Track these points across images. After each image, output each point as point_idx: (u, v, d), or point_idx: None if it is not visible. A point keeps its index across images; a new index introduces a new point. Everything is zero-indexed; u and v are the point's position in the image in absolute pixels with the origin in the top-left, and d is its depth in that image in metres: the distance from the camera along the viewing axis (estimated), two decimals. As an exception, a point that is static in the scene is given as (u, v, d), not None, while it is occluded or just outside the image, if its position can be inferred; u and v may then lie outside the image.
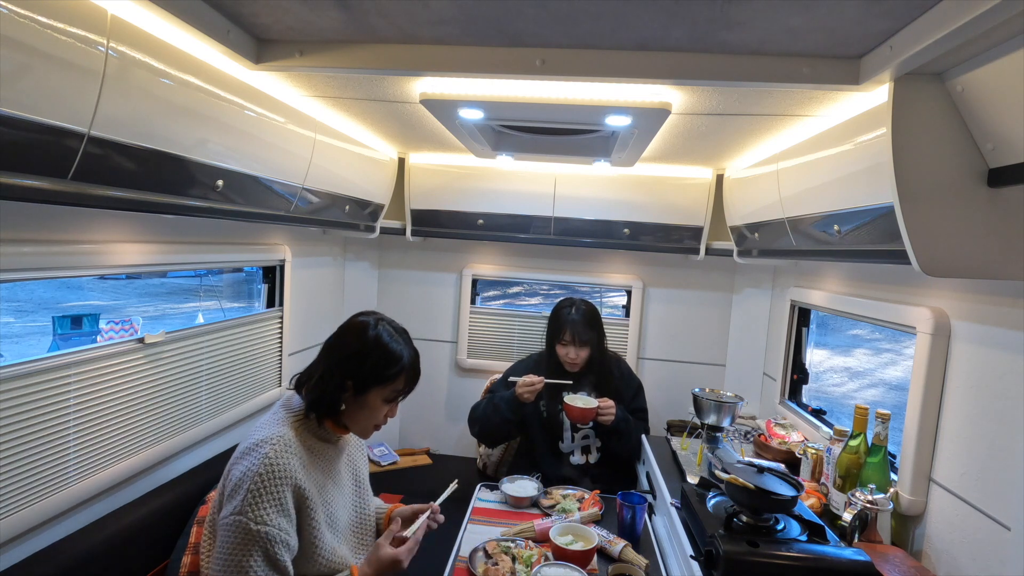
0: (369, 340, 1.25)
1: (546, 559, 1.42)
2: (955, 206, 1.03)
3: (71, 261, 1.25)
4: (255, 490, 1.09)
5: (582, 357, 2.14)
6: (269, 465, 1.12)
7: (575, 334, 2.11)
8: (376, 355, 1.25)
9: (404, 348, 1.29)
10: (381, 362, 1.25)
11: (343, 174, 2.02)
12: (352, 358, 1.24)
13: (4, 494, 1.13)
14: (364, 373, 1.24)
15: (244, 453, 1.17)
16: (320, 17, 1.07)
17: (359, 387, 1.24)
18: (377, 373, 1.25)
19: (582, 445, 2.16)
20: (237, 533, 1.08)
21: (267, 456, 1.13)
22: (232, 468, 1.17)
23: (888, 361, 8.47)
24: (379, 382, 1.25)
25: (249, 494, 1.09)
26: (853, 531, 1.36)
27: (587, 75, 1.18)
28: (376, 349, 1.25)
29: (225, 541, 1.09)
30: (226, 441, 1.87)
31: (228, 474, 1.18)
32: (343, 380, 1.23)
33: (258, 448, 1.15)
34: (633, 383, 2.28)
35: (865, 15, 0.92)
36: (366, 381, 1.24)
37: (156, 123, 1.08)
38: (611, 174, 2.43)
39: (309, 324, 2.48)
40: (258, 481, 1.10)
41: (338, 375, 1.23)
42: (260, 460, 1.12)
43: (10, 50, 0.77)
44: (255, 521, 1.08)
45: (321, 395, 1.23)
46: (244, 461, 1.14)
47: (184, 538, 1.40)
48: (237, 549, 1.08)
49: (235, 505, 1.09)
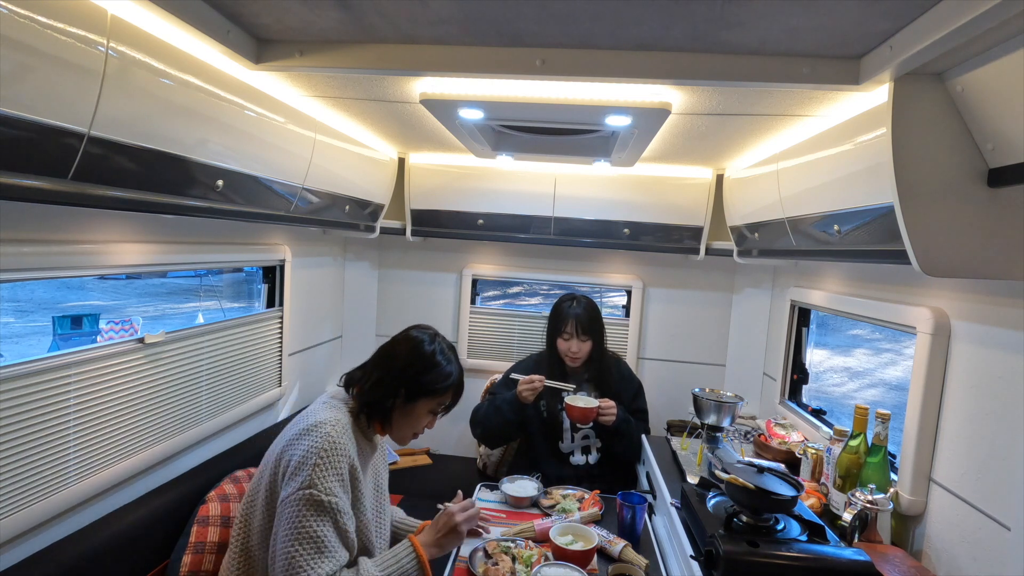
0: (426, 354, 1.36)
1: (546, 559, 1.42)
2: (955, 206, 1.03)
3: (71, 261, 1.25)
4: (321, 464, 1.17)
5: (584, 351, 2.14)
6: (331, 442, 1.20)
7: (577, 327, 2.11)
8: (431, 369, 1.35)
9: (454, 366, 1.39)
10: (434, 376, 1.35)
11: (343, 174, 2.02)
12: (408, 369, 1.34)
13: (4, 494, 1.13)
14: (417, 384, 1.34)
15: (302, 434, 1.23)
16: (320, 17, 1.07)
17: (410, 396, 1.34)
18: (429, 386, 1.34)
19: (582, 445, 2.16)
20: (308, 506, 1.14)
21: (328, 435, 1.21)
22: (289, 449, 1.22)
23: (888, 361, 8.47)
24: (429, 394, 1.35)
25: (316, 468, 1.16)
26: (853, 531, 1.36)
27: (587, 75, 1.18)
28: (431, 364, 1.35)
29: (295, 515, 1.14)
30: (226, 441, 1.87)
31: (280, 459, 1.23)
32: (397, 388, 1.33)
33: (318, 428, 1.22)
34: (633, 384, 2.28)
35: (865, 15, 0.92)
36: (418, 391, 1.34)
37: (156, 123, 1.08)
38: (611, 174, 2.42)
39: (309, 324, 2.48)
40: (323, 455, 1.18)
41: (393, 383, 1.33)
42: (323, 437, 1.20)
43: (10, 50, 0.77)
44: (325, 493, 1.15)
45: (375, 399, 1.33)
46: (304, 441, 1.21)
47: (184, 538, 1.40)
48: (308, 520, 1.13)
49: (302, 480, 1.15)
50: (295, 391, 2.38)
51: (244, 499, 1.32)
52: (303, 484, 1.15)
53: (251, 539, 1.27)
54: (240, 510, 1.32)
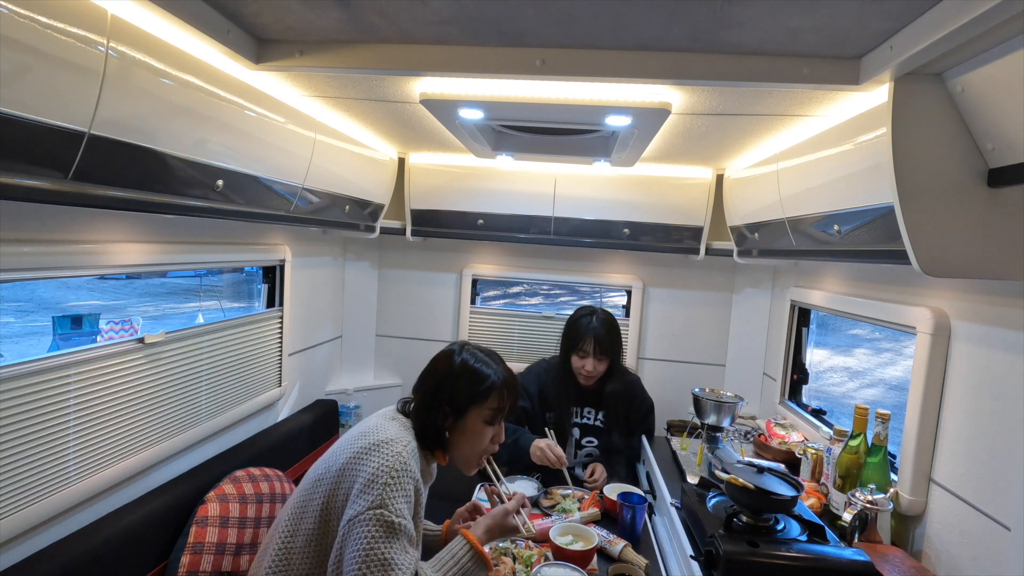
0: (456, 364, 1.33)
1: (546, 559, 1.42)
2: (955, 206, 1.03)
3: (71, 261, 1.25)
4: (392, 484, 1.14)
5: (600, 371, 2.07)
6: (402, 462, 1.18)
7: (597, 346, 2.02)
8: (465, 376, 1.31)
9: (493, 367, 1.35)
10: (470, 382, 1.31)
11: (343, 174, 2.01)
12: (443, 383, 1.31)
13: (4, 494, 1.13)
14: (457, 395, 1.30)
15: (370, 449, 1.20)
16: (320, 17, 1.07)
17: (457, 411, 1.31)
18: (469, 393, 1.30)
19: (585, 462, 2.15)
20: (378, 527, 1.10)
21: (400, 454, 1.19)
22: (357, 464, 1.19)
23: (888, 361, 8.47)
24: (473, 402, 1.31)
25: (387, 488, 1.13)
26: (853, 531, 1.36)
27: (587, 75, 1.18)
28: (463, 370, 1.32)
29: (365, 537, 1.10)
30: (226, 441, 1.87)
31: (345, 471, 1.20)
32: (440, 406, 1.30)
33: (388, 445, 1.20)
34: (645, 405, 2.24)
35: (865, 15, 0.92)
36: (461, 403, 1.30)
37: (156, 123, 1.08)
38: (611, 174, 2.42)
39: (309, 324, 2.48)
40: (394, 475, 1.15)
41: (434, 402, 1.30)
42: (394, 456, 1.18)
43: (10, 50, 0.77)
44: (396, 514, 1.12)
45: (424, 423, 1.31)
46: (373, 458, 1.18)
47: (183, 538, 1.40)
48: (378, 543, 1.10)
49: (372, 499, 1.12)
50: (295, 391, 2.38)
51: (294, 502, 1.27)
52: (373, 503, 1.11)
53: (295, 542, 1.22)
54: (288, 512, 1.27)
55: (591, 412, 2.16)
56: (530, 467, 2.15)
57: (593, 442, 2.14)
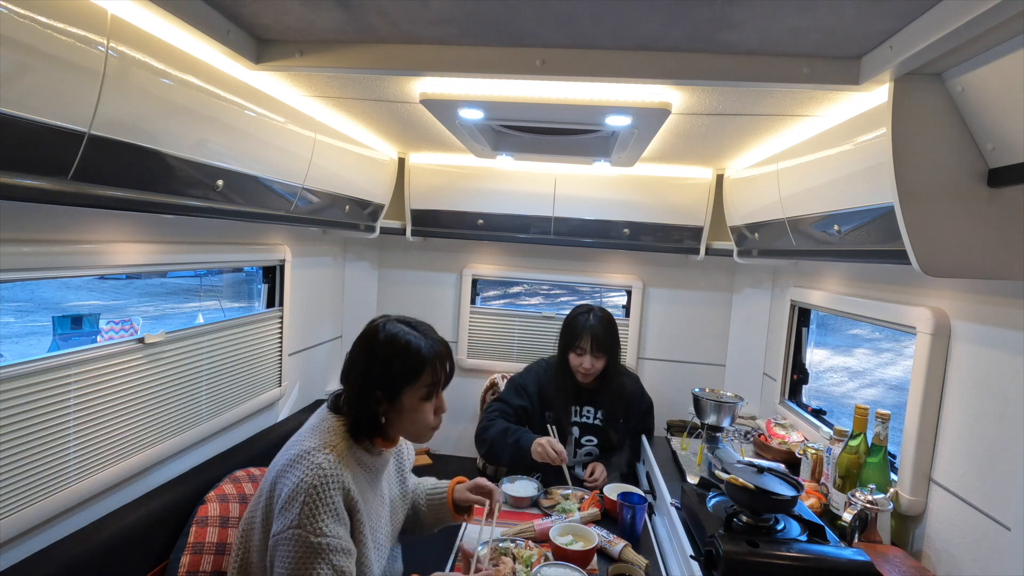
0: (380, 343, 1.22)
1: (546, 559, 1.42)
2: (955, 206, 1.03)
3: (71, 261, 1.25)
4: (310, 501, 1.08)
5: (597, 368, 2.08)
6: (322, 474, 1.11)
7: (594, 343, 2.04)
8: (393, 356, 1.21)
9: (421, 339, 1.24)
10: (400, 361, 1.20)
11: (343, 174, 2.02)
12: (371, 367, 1.21)
13: (4, 494, 1.13)
14: (388, 378, 1.21)
15: (291, 463, 1.15)
16: (320, 17, 1.07)
17: (390, 394, 1.21)
18: (399, 374, 1.21)
19: (584, 461, 2.15)
20: (298, 547, 1.06)
21: (319, 466, 1.12)
22: (279, 481, 1.15)
23: (888, 361, 8.48)
24: (407, 382, 1.21)
25: (305, 506, 1.08)
26: (853, 531, 1.36)
27: (587, 75, 1.18)
28: (390, 350, 1.21)
29: (287, 556, 1.07)
30: (226, 441, 1.87)
31: (274, 486, 1.16)
32: (372, 392, 1.21)
33: (308, 457, 1.14)
34: (644, 403, 2.24)
35: (865, 15, 0.92)
36: (394, 385, 1.21)
37: (156, 123, 1.08)
38: (611, 174, 2.43)
39: (309, 324, 2.48)
40: (312, 492, 1.09)
41: (365, 389, 1.21)
42: (312, 469, 1.11)
43: (10, 50, 0.77)
44: (314, 533, 1.07)
45: (358, 415, 1.22)
46: (293, 472, 1.13)
47: (183, 538, 1.40)
48: (301, 564, 1.06)
49: (291, 519, 1.08)
50: (295, 391, 2.38)
51: (246, 514, 1.27)
52: (292, 523, 1.07)
53: (251, 555, 1.22)
54: (241, 524, 1.27)
55: (590, 411, 2.16)
56: (531, 467, 2.15)
57: (592, 440, 2.14)
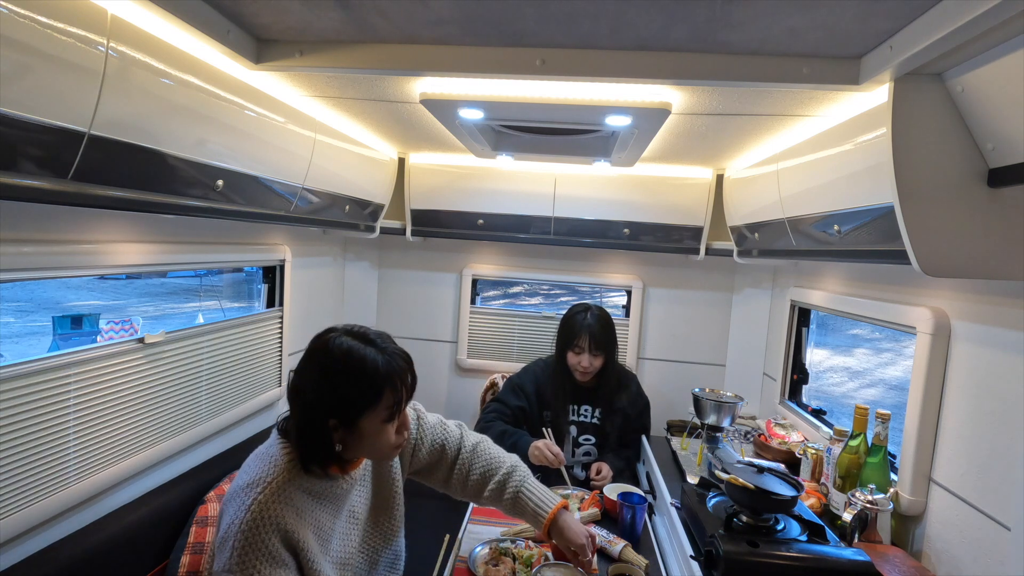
0: (332, 363, 1.06)
1: (546, 559, 1.42)
2: (955, 206, 1.03)
3: (71, 261, 1.25)
4: (241, 546, 0.99)
5: (596, 366, 2.08)
6: (255, 515, 1.01)
7: (592, 341, 2.04)
8: (348, 378, 1.06)
9: (378, 355, 1.08)
10: (356, 383, 1.06)
11: (343, 174, 2.01)
12: (321, 391, 1.06)
13: (4, 494, 1.13)
14: (343, 404, 1.06)
15: (231, 498, 1.07)
16: (320, 17, 1.07)
17: (346, 421, 1.07)
18: (358, 398, 1.06)
19: (583, 461, 2.15)
20: None
21: (257, 504, 1.01)
22: (221, 514, 1.08)
23: (888, 361, 8.47)
24: (366, 407, 1.06)
25: (235, 551, 0.99)
26: (853, 531, 1.36)
27: (587, 75, 1.17)
28: (344, 370, 1.06)
29: None
30: (226, 441, 1.87)
31: (220, 516, 1.09)
32: (323, 420, 1.06)
33: (242, 495, 1.04)
34: (641, 402, 2.24)
35: (865, 15, 0.92)
36: (350, 412, 1.06)
37: (156, 123, 1.08)
38: (611, 174, 2.42)
39: (309, 324, 2.48)
40: (241, 537, 0.99)
41: (315, 417, 1.06)
42: (245, 510, 1.01)
43: (10, 50, 0.77)
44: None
45: (308, 447, 1.08)
46: (228, 510, 1.05)
47: (184, 538, 1.40)
48: None
49: (224, 561, 1.00)
50: (295, 391, 2.38)
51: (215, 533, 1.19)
52: (225, 567, 0.99)
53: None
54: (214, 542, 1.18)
55: (588, 410, 2.16)
56: (529, 469, 2.15)
57: (591, 440, 2.14)
